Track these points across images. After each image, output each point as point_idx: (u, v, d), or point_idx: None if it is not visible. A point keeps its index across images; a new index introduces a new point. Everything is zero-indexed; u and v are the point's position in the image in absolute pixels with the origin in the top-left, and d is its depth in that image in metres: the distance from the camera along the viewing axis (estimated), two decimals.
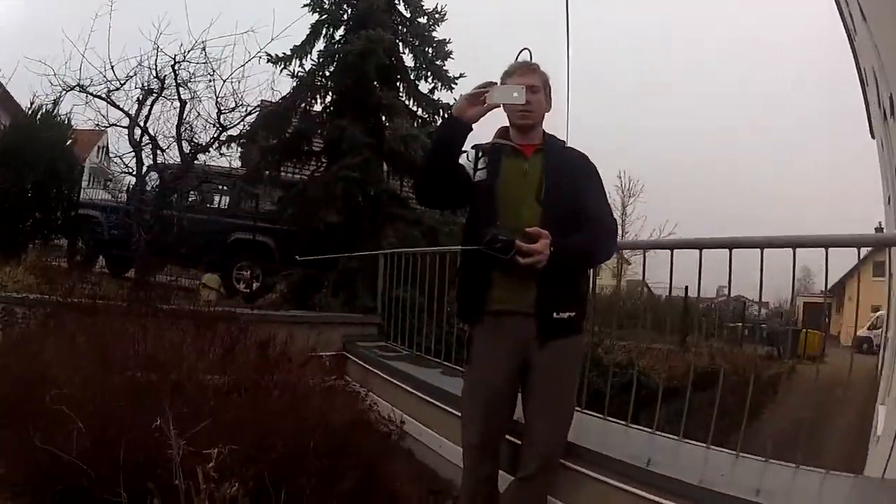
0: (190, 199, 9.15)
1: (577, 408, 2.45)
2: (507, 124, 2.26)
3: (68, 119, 10.62)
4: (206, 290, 6.07)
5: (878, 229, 25.52)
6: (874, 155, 17.25)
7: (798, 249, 2.33)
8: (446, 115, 2.17)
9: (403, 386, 3.91)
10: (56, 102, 9.15)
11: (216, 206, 9.86)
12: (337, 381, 4.19)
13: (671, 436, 2.60)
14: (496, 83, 2.11)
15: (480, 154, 2.23)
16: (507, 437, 2.39)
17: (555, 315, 2.09)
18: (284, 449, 2.36)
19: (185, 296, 5.74)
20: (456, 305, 2.33)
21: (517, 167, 2.19)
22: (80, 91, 7.62)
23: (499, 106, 2.10)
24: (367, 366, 4.64)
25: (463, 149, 2.16)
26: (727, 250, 2.44)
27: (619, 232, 2.31)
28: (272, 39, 6.94)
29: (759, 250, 2.36)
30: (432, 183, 2.19)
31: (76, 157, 11.07)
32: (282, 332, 4.43)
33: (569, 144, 2.32)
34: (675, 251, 2.73)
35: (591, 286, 2.56)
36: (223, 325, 4.18)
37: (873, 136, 17.51)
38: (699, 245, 2.50)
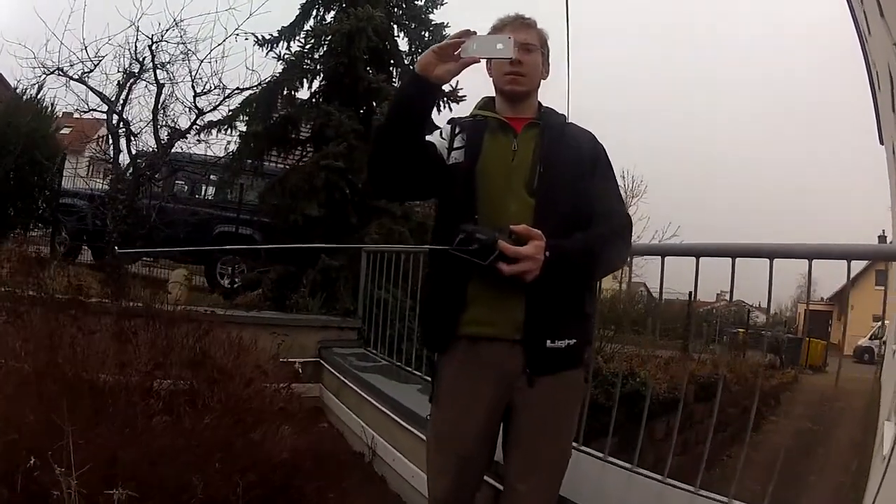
0: (174, 189, 8.78)
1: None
2: (494, 94, 1.77)
3: (52, 105, 10.29)
4: (173, 286, 5.61)
5: (881, 238, 25.24)
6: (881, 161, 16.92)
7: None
8: (411, 73, 1.62)
9: (375, 403, 3.46)
10: (40, 87, 8.84)
11: (202, 197, 9.43)
12: (300, 395, 3.72)
13: (686, 486, 2.13)
14: (476, 33, 1.55)
15: (457, 130, 1.72)
16: (486, 478, 1.95)
17: (549, 343, 1.59)
18: (205, 493, 1.91)
19: (150, 292, 5.23)
20: (419, 328, 1.85)
21: (504, 146, 1.68)
22: (60, 74, 7.27)
23: (478, 61, 1.55)
24: (340, 376, 4.20)
25: (432, 120, 1.68)
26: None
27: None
28: (250, 15, 6.49)
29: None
30: (388, 164, 1.63)
31: (59, 144, 10.70)
32: (248, 335, 4.01)
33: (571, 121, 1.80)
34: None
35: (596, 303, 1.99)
36: (184, 328, 3.76)
37: (882, 142, 17.10)
38: (732, 252, 2.02)
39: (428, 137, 1.71)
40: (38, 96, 9.80)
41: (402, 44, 7.51)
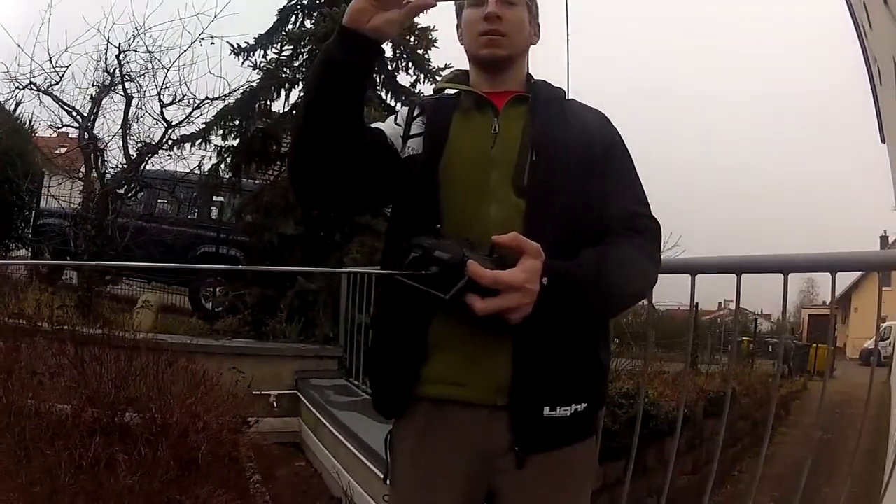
0: (156, 209, 8.44)
1: None
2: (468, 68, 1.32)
3: (30, 121, 9.99)
4: (136, 313, 5.19)
5: (883, 238, 24.97)
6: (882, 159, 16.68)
7: None
8: (336, 28, 1.13)
9: (350, 447, 3.03)
10: (17, 103, 8.57)
11: (183, 216, 9.06)
12: (260, 436, 3.31)
13: None
14: None
15: (416, 112, 1.26)
16: None
17: (547, 411, 1.10)
18: None
19: (107, 319, 4.78)
20: (370, 386, 1.38)
21: (480, 129, 1.20)
22: (32, 89, 6.96)
23: (434, 5, 1.11)
24: (316, 412, 3.76)
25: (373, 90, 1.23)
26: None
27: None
28: (215, 17, 6.16)
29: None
30: (311, 160, 1.14)
31: (37, 162, 10.42)
32: (214, 366, 3.61)
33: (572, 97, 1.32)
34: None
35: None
36: (143, 359, 3.36)
37: (883, 140, 16.80)
38: (784, 267, 1.59)
39: (377, 124, 1.26)
40: (16, 112, 9.54)
41: (386, 49, 7.14)
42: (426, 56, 7.08)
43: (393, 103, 6.95)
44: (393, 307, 1.20)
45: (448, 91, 1.30)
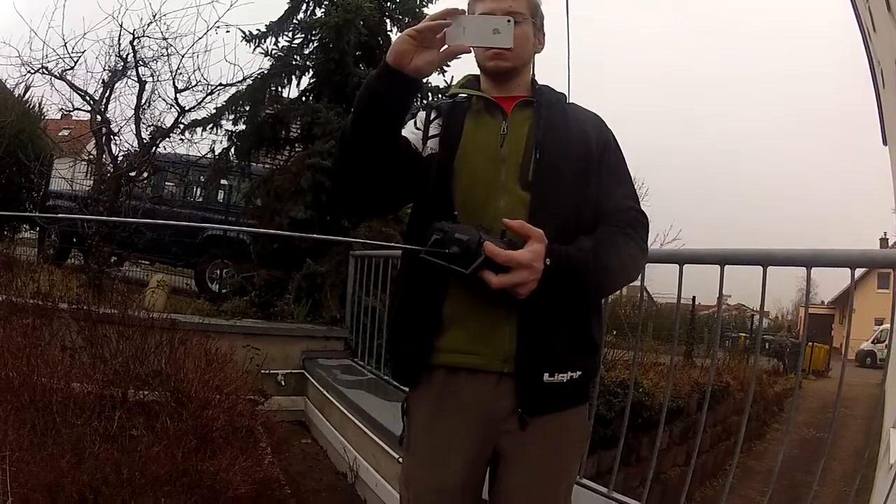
0: (164, 192, 8.56)
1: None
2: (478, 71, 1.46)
3: (40, 105, 10.08)
4: (150, 293, 5.32)
5: (883, 240, 25.00)
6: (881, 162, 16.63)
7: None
8: (380, 64, 1.22)
9: (357, 423, 3.17)
10: (27, 87, 8.65)
11: (191, 199, 9.17)
12: (274, 412, 3.45)
13: None
14: (464, 11, 1.25)
15: (433, 115, 1.40)
16: None
17: (546, 378, 1.27)
18: None
19: (123, 297, 4.92)
20: (388, 356, 1.55)
21: (490, 130, 1.36)
22: (44, 73, 7.05)
23: (468, 50, 1.25)
24: (323, 391, 3.91)
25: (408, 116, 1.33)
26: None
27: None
28: (231, 6, 6.26)
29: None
30: (355, 177, 1.29)
31: (47, 144, 10.51)
32: (226, 345, 3.74)
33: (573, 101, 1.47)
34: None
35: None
36: (157, 337, 3.49)
37: (885, 143, 16.81)
38: (762, 260, 1.73)
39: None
40: (26, 96, 9.63)
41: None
42: None
43: None
44: (411, 287, 1.36)
45: (461, 95, 1.45)
